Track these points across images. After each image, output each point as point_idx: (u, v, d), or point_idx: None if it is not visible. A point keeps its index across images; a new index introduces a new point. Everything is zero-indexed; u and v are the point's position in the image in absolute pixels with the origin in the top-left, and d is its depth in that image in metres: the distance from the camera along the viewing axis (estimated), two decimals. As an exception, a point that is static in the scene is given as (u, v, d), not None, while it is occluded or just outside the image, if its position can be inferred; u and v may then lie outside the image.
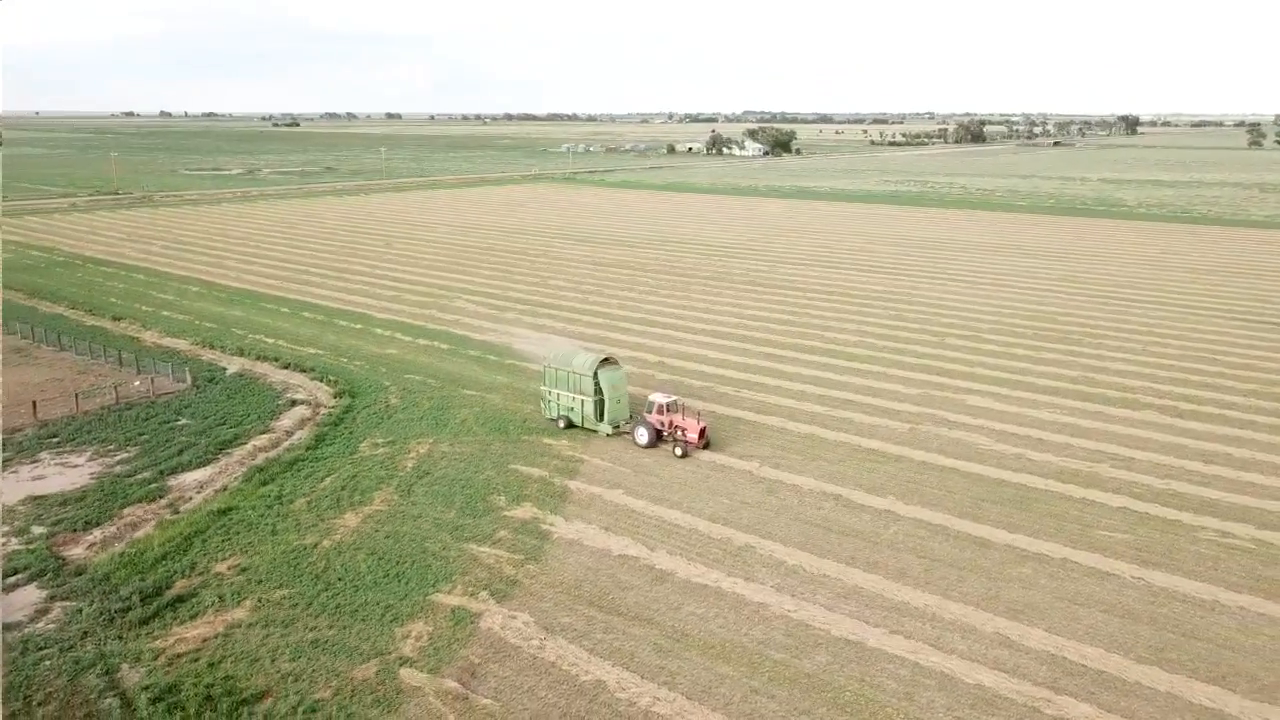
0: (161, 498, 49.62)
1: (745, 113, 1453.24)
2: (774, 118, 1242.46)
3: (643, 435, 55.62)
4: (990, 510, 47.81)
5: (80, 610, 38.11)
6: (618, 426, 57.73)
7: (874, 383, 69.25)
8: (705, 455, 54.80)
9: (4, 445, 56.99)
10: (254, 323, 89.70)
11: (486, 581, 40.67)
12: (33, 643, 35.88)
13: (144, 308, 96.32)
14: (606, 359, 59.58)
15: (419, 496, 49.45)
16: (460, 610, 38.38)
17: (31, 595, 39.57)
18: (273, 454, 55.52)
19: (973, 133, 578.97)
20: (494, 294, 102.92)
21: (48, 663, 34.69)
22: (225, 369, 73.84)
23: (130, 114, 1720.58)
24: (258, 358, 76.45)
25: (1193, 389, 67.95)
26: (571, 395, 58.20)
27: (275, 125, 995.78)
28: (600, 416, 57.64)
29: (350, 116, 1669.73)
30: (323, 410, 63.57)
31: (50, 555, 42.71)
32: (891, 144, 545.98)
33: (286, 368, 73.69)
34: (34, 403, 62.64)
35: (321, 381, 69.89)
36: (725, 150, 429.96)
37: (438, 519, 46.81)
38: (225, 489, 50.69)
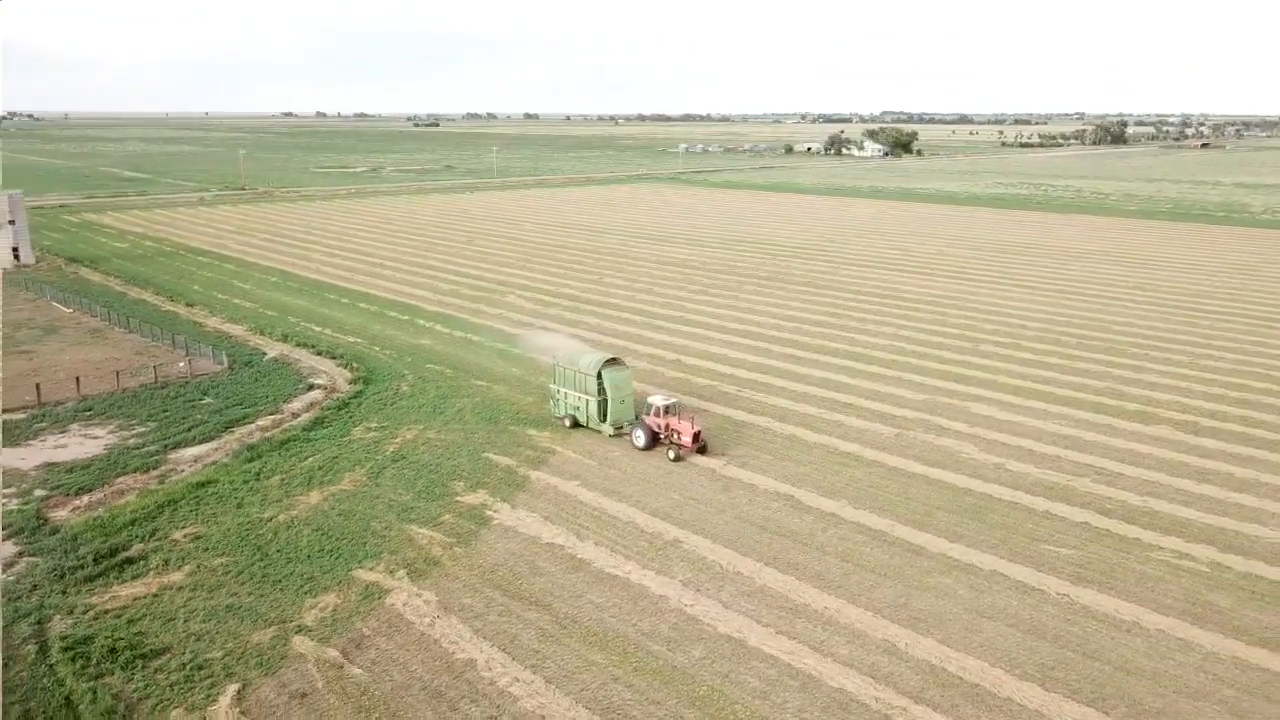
0: (155, 469, 53.40)
1: (883, 113, 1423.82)
2: (911, 118, 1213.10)
3: (640, 437, 55.03)
4: (940, 518, 46.73)
5: (38, 565, 41.66)
6: (620, 428, 57.07)
7: (884, 387, 68.02)
8: (697, 458, 54.33)
9: (44, 416, 62.18)
10: (311, 311, 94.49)
11: (410, 561, 42.41)
12: (-15, 591, 39.49)
13: (219, 295, 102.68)
14: (612, 359, 59.09)
15: (386, 479, 51.67)
16: (373, 586, 40.23)
17: (6, 550, 43.49)
18: (271, 434, 58.81)
19: (1113, 134, 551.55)
20: (548, 290, 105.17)
21: (-8, 609, 38.17)
22: (265, 354, 78.24)
23: (289, 114, 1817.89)
24: (298, 344, 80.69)
25: (1226, 405, 64.19)
26: (577, 394, 58.01)
27: (416, 125, 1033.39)
28: (603, 417, 57.16)
29: (490, 117, 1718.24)
30: (335, 395, 66.76)
31: (36, 516, 46.75)
32: (1023, 145, 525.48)
33: (320, 354, 77.53)
34: (77, 379, 68.10)
35: (346, 368, 73.26)
36: (845, 151, 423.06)
37: (393, 501, 48.87)
38: (214, 463, 54.03)
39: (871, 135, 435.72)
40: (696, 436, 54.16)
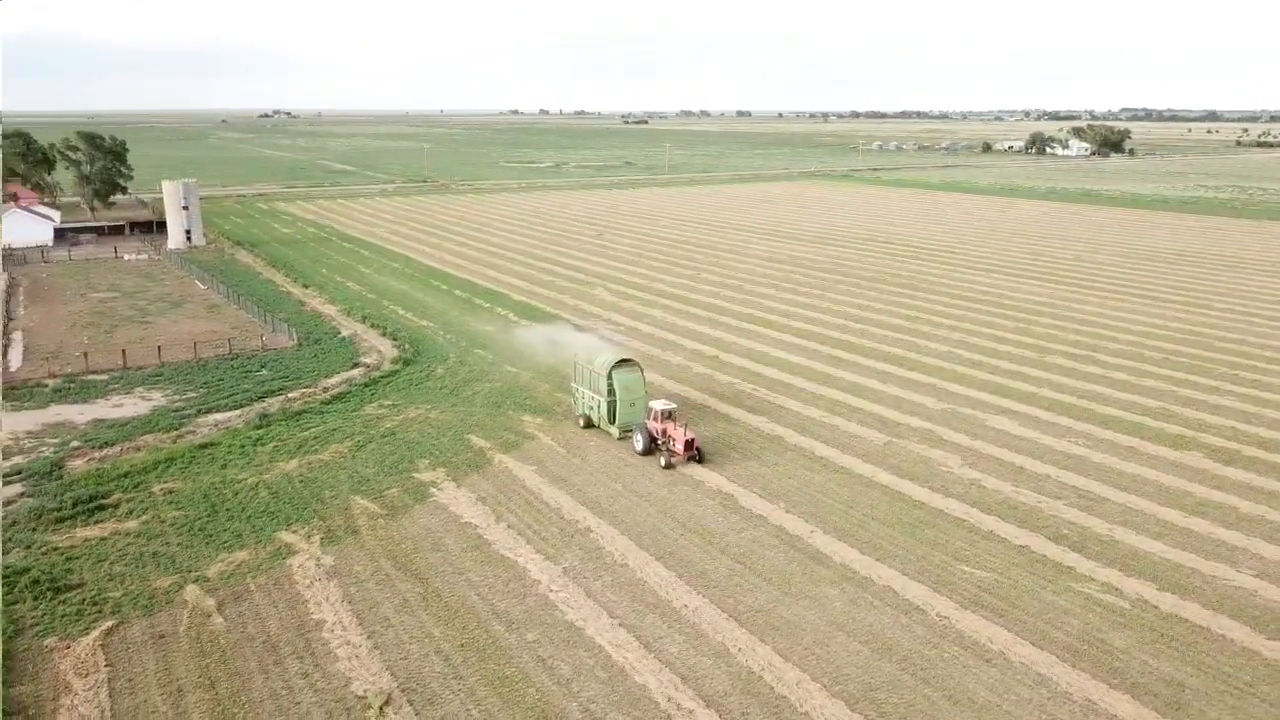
0: (176, 430, 59.05)
1: (1121, 110, 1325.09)
2: (1149, 115, 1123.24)
3: (639, 441, 53.47)
4: (869, 530, 44.89)
5: (28, 505, 47.47)
6: (628, 431, 55.28)
7: (911, 395, 65.23)
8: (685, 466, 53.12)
9: (122, 379, 69.86)
10: (407, 296, 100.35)
11: (332, 528, 45.21)
12: (-27, 523, 45.46)
13: (338, 278, 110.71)
14: (625, 359, 57.74)
15: (364, 453, 54.94)
16: (285, 547, 43.31)
17: (11, 491, 49.71)
18: (293, 405, 63.55)
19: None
20: (637, 284, 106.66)
21: (-30, 539, 43.94)
22: (340, 333, 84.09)
23: (515, 112, 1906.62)
24: (372, 325, 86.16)
25: (1291, 435, 57.37)
26: (591, 394, 57.12)
27: (626, 123, 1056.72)
28: (612, 419, 55.90)
29: (703, 114, 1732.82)
30: (372, 373, 71.10)
31: (53, 464, 53.01)
32: (1260, 145, 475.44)
33: (385, 335, 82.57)
34: (158, 348, 75.93)
35: (398, 349, 77.70)
36: (1048, 150, 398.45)
37: (355, 473, 51.98)
38: (227, 428, 59.15)
39: (1077, 133, 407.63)
40: (689, 445, 52.23)
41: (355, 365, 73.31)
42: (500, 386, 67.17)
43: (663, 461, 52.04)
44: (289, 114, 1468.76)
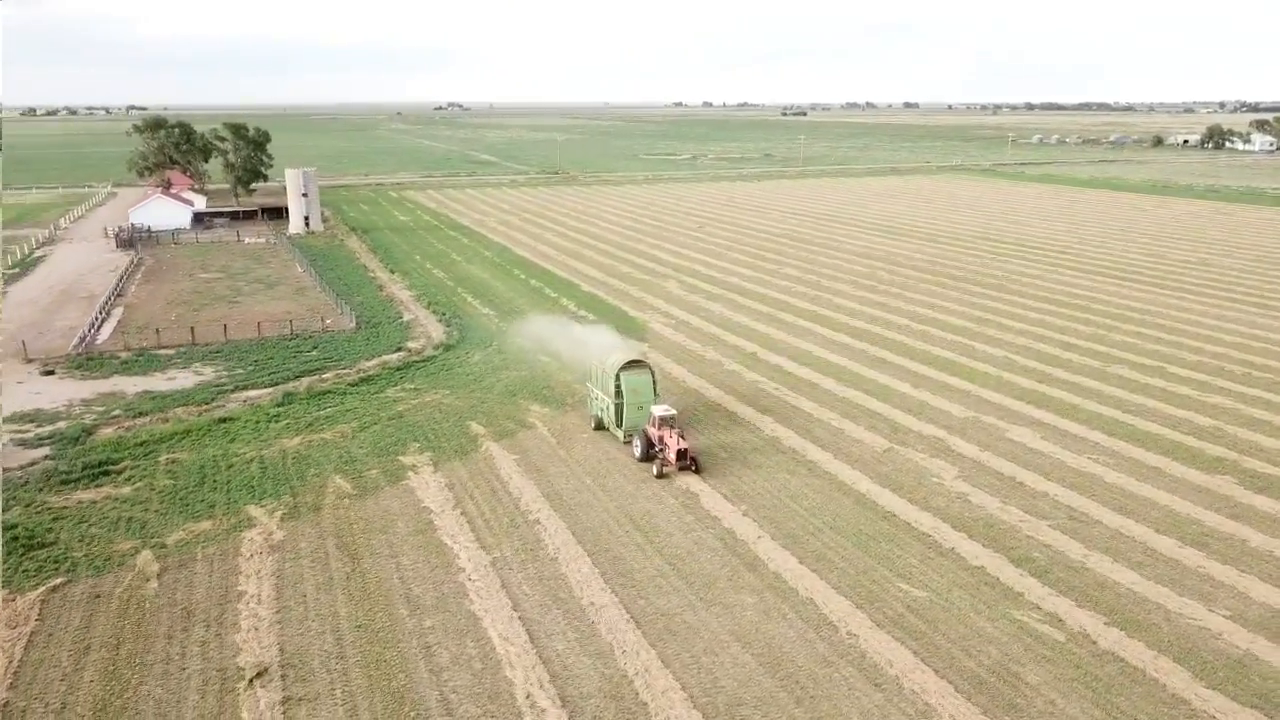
0: (209, 403, 62.54)
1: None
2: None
3: (637, 447, 51.29)
4: (821, 539, 43.12)
5: (43, 468, 51.41)
6: (633, 435, 52.97)
7: (938, 400, 62.10)
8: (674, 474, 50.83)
9: (186, 355, 74.55)
10: (483, 283, 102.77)
11: (299, 504, 46.94)
12: (-8, 481, 49.54)
13: (427, 265, 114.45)
14: (635, 360, 54.77)
15: (365, 435, 56.72)
16: (247, 520, 45.28)
17: (38, 454, 53.92)
18: (324, 384, 66.22)
19: None
20: (713, 278, 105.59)
21: (-17, 495, 47.90)
22: (402, 317, 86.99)
23: (679, 104, 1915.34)
24: (434, 311, 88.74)
25: (1353, 463, 51.43)
26: (601, 395, 55.29)
27: (785, 115, 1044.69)
28: (619, 421, 53.69)
29: (868, 106, 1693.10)
30: (412, 356, 73.24)
31: (84, 431, 57.15)
32: None
33: (441, 320, 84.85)
34: (225, 326, 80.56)
35: (447, 335, 79.70)
36: (1227, 144, 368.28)
37: (347, 453, 53.75)
38: (253, 404, 62.19)
39: (1260, 126, 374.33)
40: (681, 455, 49.41)
41: (399, 349, 75.55)
42: (524, 376, 67.80)
43: (655, 471, 49.45)
44: (462, 107, 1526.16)
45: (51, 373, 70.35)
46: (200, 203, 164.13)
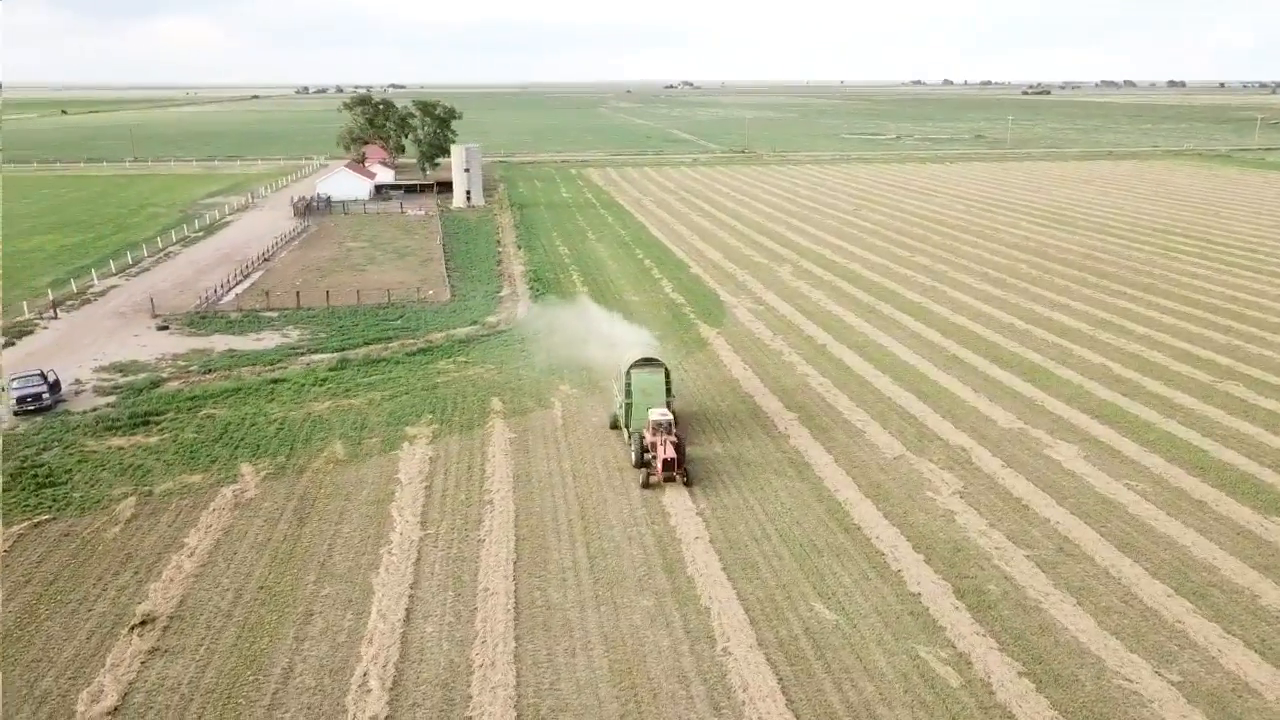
0: (272, 364, 66.67)
1: None
2: None
3: (633, 454, 47.50)
4: (760, 547, 40.68)
5: (96, 415, 56.56)
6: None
7: (991, 408, 57.01)
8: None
9: (285, 318, 79.79)
10: (598, 263, 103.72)
11: (288, 466, 49.17)
12: (50, 424, 55.00)
13: (556, 242, 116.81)
14: (649, 358, 51.00)
15: (390, 403, 58.64)
16: (234, 475, 47.93)
17: (104, 401, 59.35)
18: (383, 353, 69.02)
19: None
20: (832, 265, 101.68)
21: (38, 435, 53.32)
22: (500, 292, 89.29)
23: (917, 82, 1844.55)
24: (532, 287, 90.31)
25: None
26: (617, 393, 52.35)
27: (1025, 94, 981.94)
28: (627, 422, 49.85)
29: (1126, 84, 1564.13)
30: (480, 330, 75.04)
31: (150, 383, 62.41)
32: None
33: (532, 296, 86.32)
34: (327, 292, 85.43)
35: (527, 311, 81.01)
36: None
37: (363, 419, 55.72)
38: (310, 368, 65.70)
39: None
40: (669, 464, 45.18)
41: (474, 323, 77.42)
42: (571, 356, 67.48)
43: (642, 479, 45.70)
44: (692, 85, 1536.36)
45: (166, 328, 77.09)
46: (387, 175, 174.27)
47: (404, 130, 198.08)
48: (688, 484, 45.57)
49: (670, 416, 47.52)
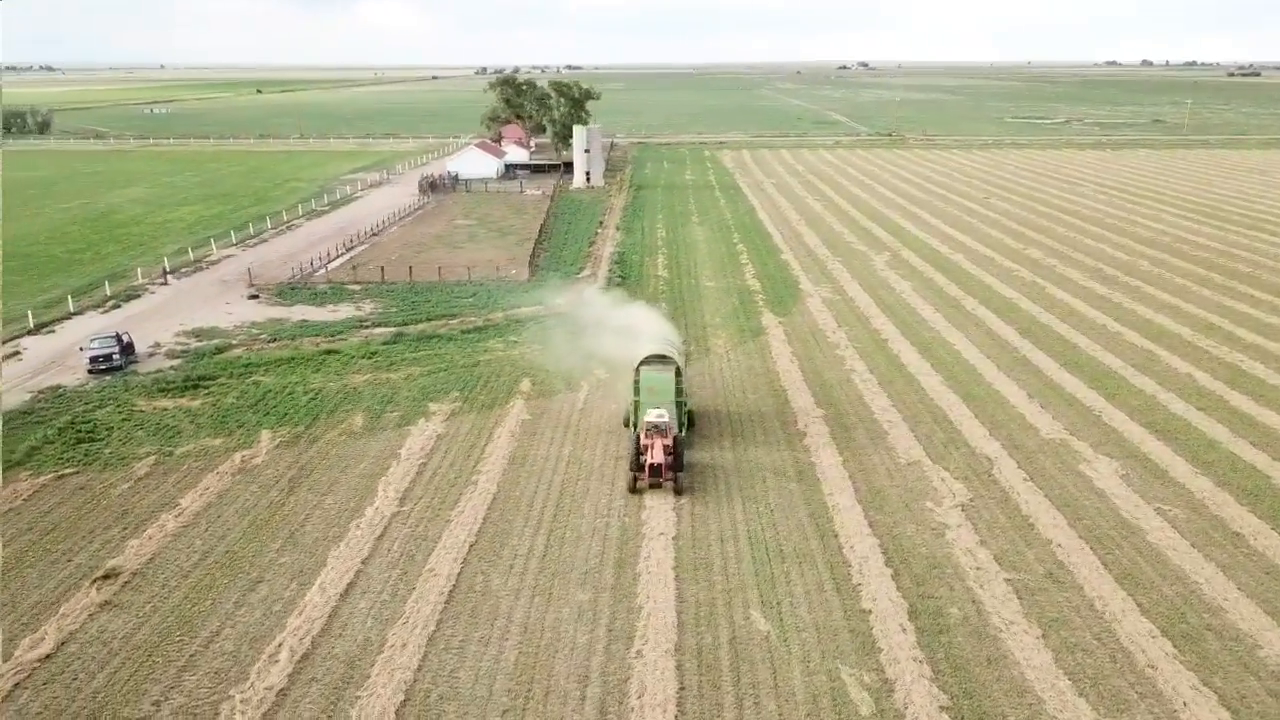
0: (333, 336, 69.14)
1: None
2: None
3: (630, 455, 44.56)
4: (723, 548, 39.13)
5: (153, 376, 60.12)
6: None
7: (1039, 416, 52.97)
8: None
9: (365, 292, 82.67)
10: (687, 246, 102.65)
11: (305, 435, 50.83)
12: (114, 383, 58.78)
13: (658, 225, 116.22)
14: (660, 355, 48.54)
15: (425, 379, 59.58)
16: (250, 442, 49.89)
17: (170, 364, 63.04)
18: (439, 330, 70.43)
19: None
20: (932, 257, 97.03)
21: (100, 392, 57.17)
22: (581, 273, 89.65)
23: (1112, 63, 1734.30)
24: (613, 268, 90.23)
25: None
26: (628, 391, 49.50)
27: (1232, 75, 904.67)
28: (635, 422, 46.56)
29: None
30: (542, 311, 75.48)
31: (216, 349, 65.84)
32: None
33: (610, 277, 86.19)
34: (410, 268, 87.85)
35: (597, 294, 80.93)
36: None
37: (394, 394, 56.82)
38: (366, 341, 67.79)
39: None
40: (656, 470, 42.64)
41: (540, 304, 77.81)
42: (592, 346, 66.60)
43: (628, 482, 43.43)
44: (866, 66, 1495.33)
45: (256, 297, 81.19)
46: (519, 155, 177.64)
47: (543, 110, 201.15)
48: (678, 492, 42.84)
49: (667, 418, 44.59)
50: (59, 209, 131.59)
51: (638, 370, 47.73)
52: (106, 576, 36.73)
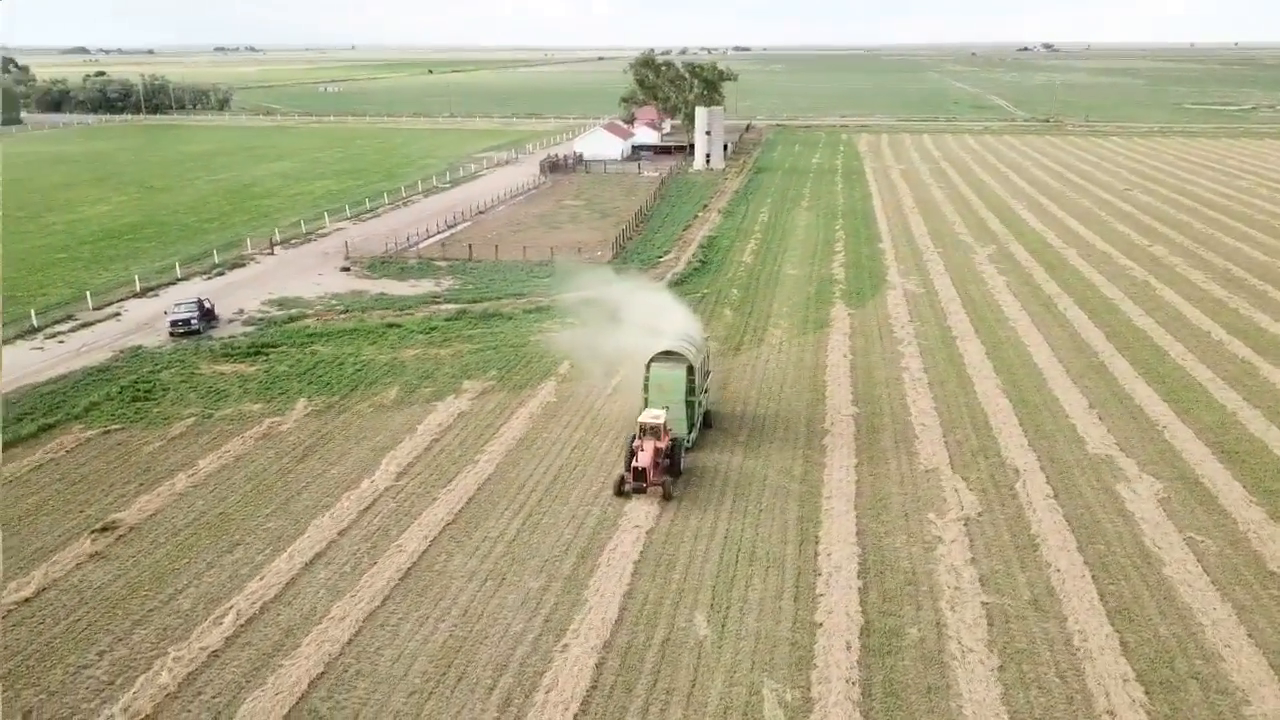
0: (404, 310, 71.05)
1: None
2: None
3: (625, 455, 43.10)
4: (687, 546, 38.19)
5: (224, 342, 63.38)
6: None
7: (1094, 428, 48.80)
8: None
9: (452, 269, 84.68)
10: (784, 231, 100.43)
11: (336, 404, 52.46)
12: (188, 347, 62.31)
13: (762, 208, 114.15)
14: (671, 352, 45.90)
15: (471, 356, 60.21)
16: (284, 409, 51.85)
17: (244, 330, 66.34)
18: (503, 309, 71.31)
19: None
20: (1042, 251, 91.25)
21: (172, 355, 60.81)
22: (664, 257, 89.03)
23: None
24: (698, 253, 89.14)
25: None
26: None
27: None
28: None
29: None
30: (601, 298, 75.15)
31: (289, 318, 68.83)
32: None
33: (690, 263, 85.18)
34: (495, 247, 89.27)
35: (673, 278, 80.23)
36: None
37: (435, 370, 57.71)
38: (429, 316, 69.37)
39: None
40: (640, 473, 40.73)
41: (608, 283, 77.46)
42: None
43: (614, 484, 41.61)
44: (1050, 47, 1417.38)
45: (347, 270, 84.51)
46: (649, 136, 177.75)
47: (677, 92, 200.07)
48: (666, 498, 40.59)
49: (663, 419, 42.78)
50: (209, 180, 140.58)
51: (648, 367, 45.73)
52: (104, 529, 38.83)
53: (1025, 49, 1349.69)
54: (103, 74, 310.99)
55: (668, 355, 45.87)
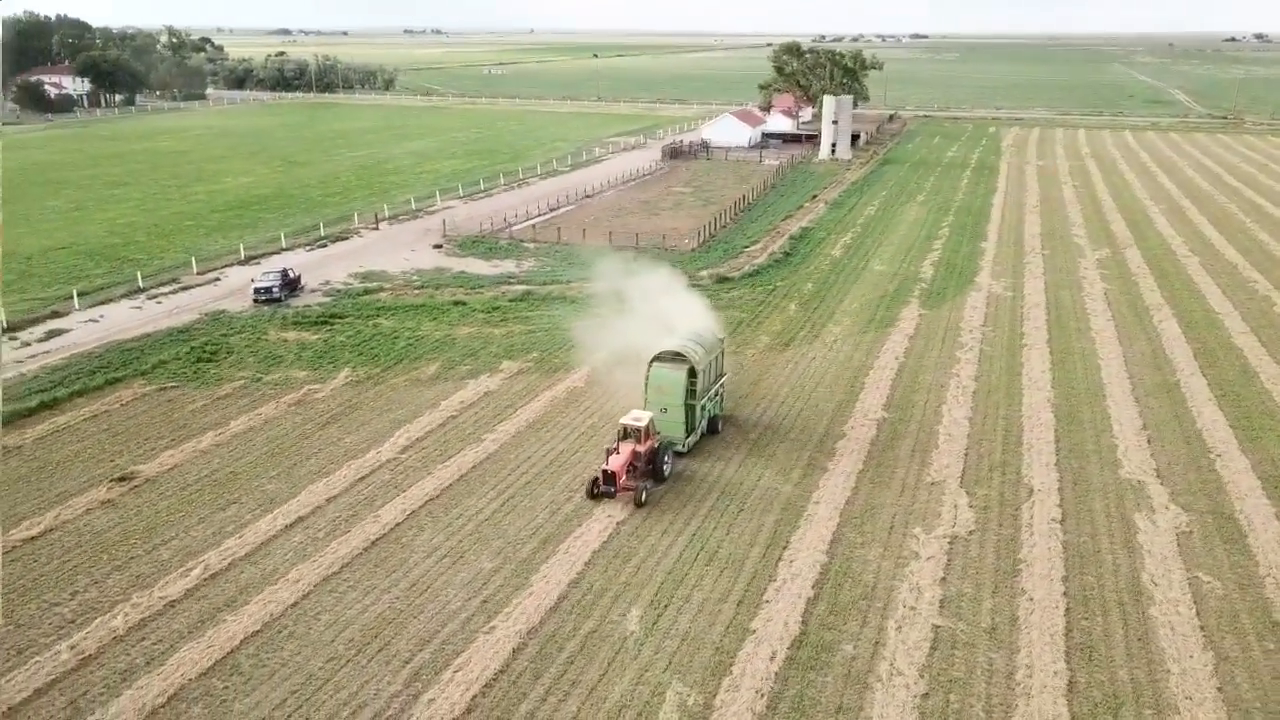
0: (472, 289, 72.88)
1: None
2: None
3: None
4: (649, 541, 37.93)
5: (297, 310, 66.74)
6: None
7: (1136, 451, 45.37)
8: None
9: (543, 251, 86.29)
10: (886, 225, 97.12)
11: (373, 376, 54.51)
12: (265, 314, 65.93)
13: (873, 201, 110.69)
14: (675, 352, 44.39)
15: (523, 338, 61.23)
16: (327, 378, 54.40)
17: (320, 300, 69.70)
18: (566, 293, 72.09)
19: None
20: (1158, 259, 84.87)
21: (247, 320, 64.60)
22: (750, 247, 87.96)
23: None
24: (784, 246, 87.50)
25: None
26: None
27: None
28: None
29: None
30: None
31: (364, 290, 71.83)
32: None
33: (773, 255, 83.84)
34: (583, 231, 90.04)
35: (740, 273, 79.22)
36: None
37: (483, 349, 58.90)
38: (496, 296, 70.84)
39: None
40: (610, 477, 39.56)
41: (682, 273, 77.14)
42: (738, 317, 65.32)
43: (587, 486, 40.31)
44: (1260, 38, 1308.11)
45: (439, 247, 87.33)
46: (782, 124, 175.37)
47: (816, 80, 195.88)
48: (638, 504, 39.14)
49: (644, 423, 41.23)
50: (348, 157, 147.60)
51: (649, 366, 44.58)
52: (123, 479, 41.73)
53: (1232, 39, 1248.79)
54: (283, 54, 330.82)
55: (673, 355, 44.46)
